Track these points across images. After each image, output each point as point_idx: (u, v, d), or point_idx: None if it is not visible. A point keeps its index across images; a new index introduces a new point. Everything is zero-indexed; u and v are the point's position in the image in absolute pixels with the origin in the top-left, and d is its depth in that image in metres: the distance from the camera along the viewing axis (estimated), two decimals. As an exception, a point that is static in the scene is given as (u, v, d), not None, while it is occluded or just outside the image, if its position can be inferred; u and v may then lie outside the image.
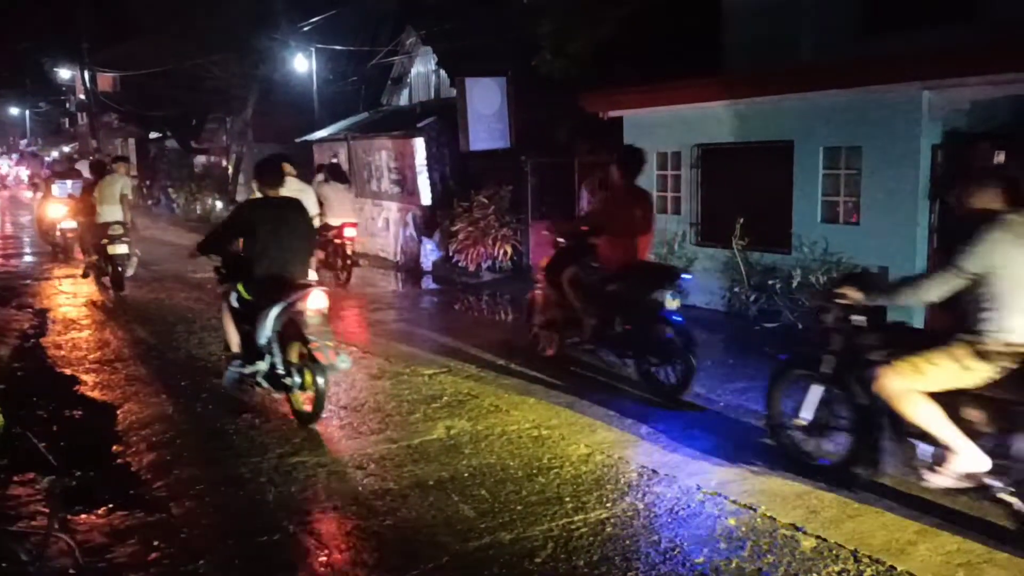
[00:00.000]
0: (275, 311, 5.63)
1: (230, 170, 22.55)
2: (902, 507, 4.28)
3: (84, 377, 7.16)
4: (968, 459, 3.90)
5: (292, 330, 5.64)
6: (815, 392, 4.69)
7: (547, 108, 12.03)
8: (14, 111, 48.77)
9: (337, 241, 11.59)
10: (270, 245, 5.75)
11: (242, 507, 4.50)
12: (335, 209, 11.51)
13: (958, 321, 3.97)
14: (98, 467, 5.10)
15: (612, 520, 4.21)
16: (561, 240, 7.20)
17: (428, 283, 12.92)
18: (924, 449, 4.08)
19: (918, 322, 6.76)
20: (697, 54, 10.12)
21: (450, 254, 12.81)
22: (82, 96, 31.53)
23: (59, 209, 14.81)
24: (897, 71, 7.27)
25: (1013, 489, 3.81)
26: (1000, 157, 6.98)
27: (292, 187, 7.91)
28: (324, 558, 3.91)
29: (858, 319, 4.41)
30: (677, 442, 5.33)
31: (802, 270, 8.01)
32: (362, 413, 6.04)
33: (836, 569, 3.69)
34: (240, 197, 19.76)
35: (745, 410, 5.97)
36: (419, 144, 13.88)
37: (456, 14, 15.13)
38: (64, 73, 35.33)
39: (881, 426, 4.28)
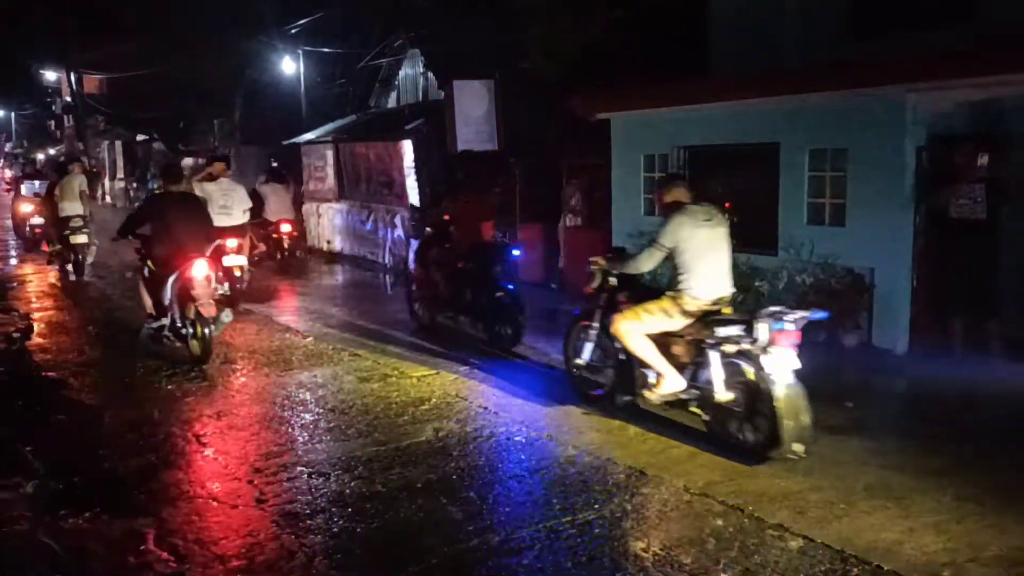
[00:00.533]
0: (171, 279, 7.39)
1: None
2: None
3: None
4: (672, 382, 5.40)
5: (185, 293, 7.32)
6: (591, 338, 6.08)
7: (535, 110, 12.05)
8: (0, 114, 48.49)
9: (275, 236, 13.39)
10: (169, 228, 7.46)
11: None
12: (273, 207, 13.32)
13: (669, 282, 5.48)
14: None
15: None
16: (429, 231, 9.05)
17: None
18: (649, 374, 5.53)
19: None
20: (685, 56, 10.16)
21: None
22: (68, 98, 31.33)
23: (28, 207, 16.62)
24: (881, 74, 7.31)
25: (700, 404, 5.35)
26: (984, 159, 7.05)
27: (223, 185, 10.31)
28: (308, 559, 3.90)
29: (613, 280, 5.90)
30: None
31: (788, 272, 8.04)
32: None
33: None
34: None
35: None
36: (407, 146, 13.87)
37: (445, 17, 15.15)
38: (50, 75, 35.10)
39: (631, 362, 5.65)
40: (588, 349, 6.13)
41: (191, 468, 5.14)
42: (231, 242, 9.98)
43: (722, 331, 5.13)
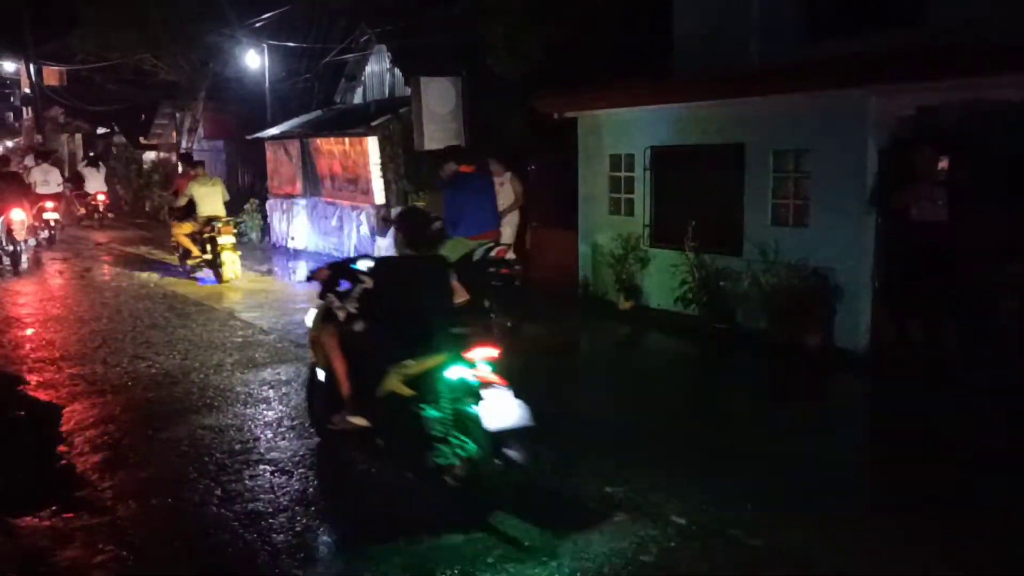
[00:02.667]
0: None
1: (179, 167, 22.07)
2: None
3: None
4: None
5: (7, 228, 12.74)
6: None
7: (501, 108, 12.02)
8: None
9: (92, 203, 20.12)
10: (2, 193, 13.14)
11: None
12: (91, 183, 20.14)
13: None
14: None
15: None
16: None
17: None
18: None
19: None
20: (648, 56, 10.22)
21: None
22: (27, 90, 30.56)
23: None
24: (841, 76, 7.41)
25: None
26: (944, 162, 7.19)
27: (44, 168, 16.67)
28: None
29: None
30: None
31: (753, 272, 8.14)
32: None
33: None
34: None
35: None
36: (372, 143, 13.76)
37: (410, 13, 15.04)
38: (8, 66, 34.21)
39: None
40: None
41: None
42: (49, 203, 15.95)
43: None
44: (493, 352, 4.37)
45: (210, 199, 12.24)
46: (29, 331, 8.77)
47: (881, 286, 7.50)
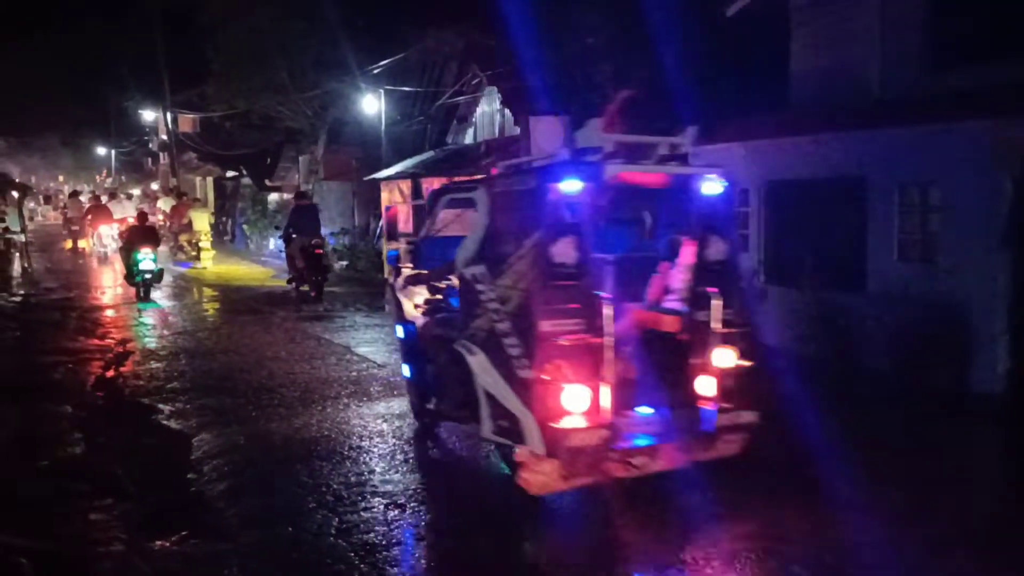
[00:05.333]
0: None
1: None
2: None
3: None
4: None
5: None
6: None
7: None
8: (101, 151, 51.32)
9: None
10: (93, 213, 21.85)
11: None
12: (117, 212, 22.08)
13: None
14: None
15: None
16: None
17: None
18: None
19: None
20: (765, 88, 10.05)
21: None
22: (164, 136, 32.91)
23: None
24: (971, 107, 7.08)
25: None
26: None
27: (121, 200, 24.10)
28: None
29: None
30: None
31: (876, 309, 7.77)
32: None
33: None
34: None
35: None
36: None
37: (519, 55, 15.36)
38: (148, 115, 37.01)
39: None
40: None
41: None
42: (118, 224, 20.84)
43: None
44: None
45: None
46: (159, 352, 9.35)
47: (1020, 325, 7.02)
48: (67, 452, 6.10)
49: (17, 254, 18.39)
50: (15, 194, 20.36)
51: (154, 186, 35.57)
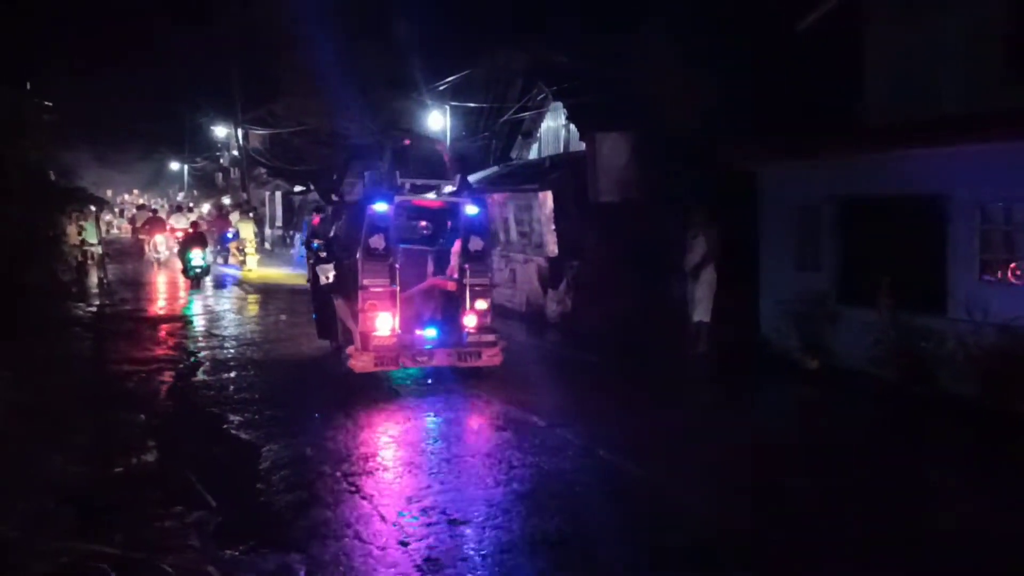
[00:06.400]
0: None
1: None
2: None
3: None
4: None
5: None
6: None
7: (672, 161, 11.94)
8: (175, 166, 53.16)
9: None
10: (148, 223, 25.73)
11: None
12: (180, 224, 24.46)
13: None
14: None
15: None
16: None
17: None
18: None
19: None
20: (833, 105, 9.81)
21: (572, 307, 12.77)
22: (235, 152, 33.89)
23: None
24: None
25: None
26: None
27: (185, 213, 27.28)
28: None
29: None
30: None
31: (958, 333, 7.45)
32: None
33: None
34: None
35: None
36: (547, 197, 14.02)
37: (584, 71, 15.36)
38: (220, 131, 38.18)
39: None
40: None
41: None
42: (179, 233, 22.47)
43: None
44: None
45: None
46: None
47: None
48: (140, 460, 6.24)
49: (94, 266, 19.10)
50: (92, 208, 21.18)
51: (225, 200, 36.60)
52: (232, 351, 10.85)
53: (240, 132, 30.59)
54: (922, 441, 6.94)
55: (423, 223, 9.68)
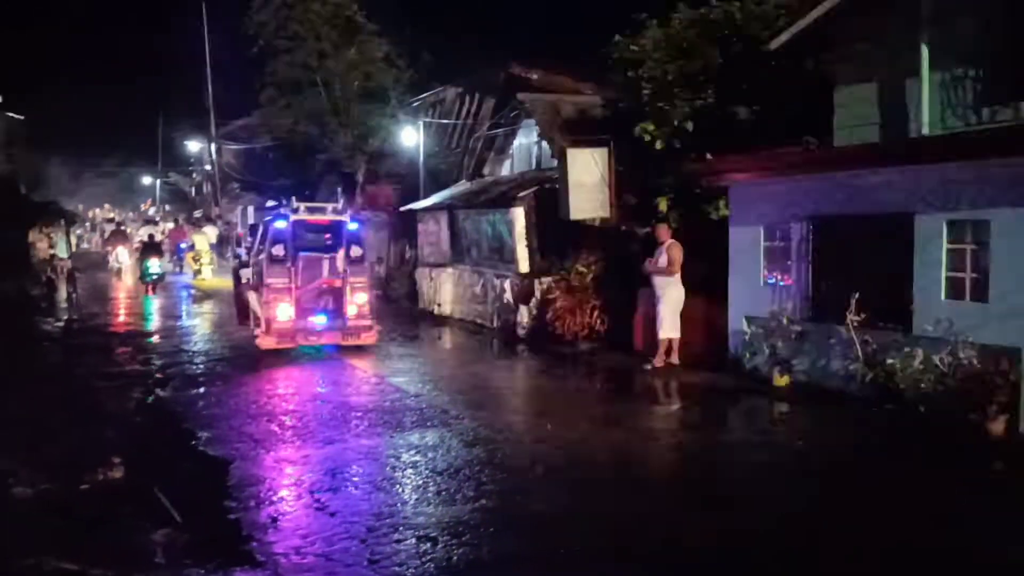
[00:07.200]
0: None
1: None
2: None
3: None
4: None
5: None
6: None
7: (647, 178, 12.03)
8: (146, 180, 52.70)
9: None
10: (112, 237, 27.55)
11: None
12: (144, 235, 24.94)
13: None
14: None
15: None
16: None
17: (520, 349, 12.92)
18: None
19: None
20: (806, 122, 9.96)
21: (545, 321, 12.78)
22: (208, 167, 33.70)
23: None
24: (1019, 143, 6.91)
25: None
26: None
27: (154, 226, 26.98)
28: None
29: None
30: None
31: (923, 350, 7.56)
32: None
33: None
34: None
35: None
36: (518, 213, 14.07)
37: (558, 88, 15.47)
38: (193, 146, 37.95)
39: None
40: None
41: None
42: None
43: None
44: None
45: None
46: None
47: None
48: (108, 476, 6.14)
49: (63, 280, 18.83)
50: (63, 222, 20.92)
51: (196, 214, 36.32)
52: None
53: (213, 147, 30.43)
54: (888, 456, 7.00)
55: (327, 235, 12.04)
